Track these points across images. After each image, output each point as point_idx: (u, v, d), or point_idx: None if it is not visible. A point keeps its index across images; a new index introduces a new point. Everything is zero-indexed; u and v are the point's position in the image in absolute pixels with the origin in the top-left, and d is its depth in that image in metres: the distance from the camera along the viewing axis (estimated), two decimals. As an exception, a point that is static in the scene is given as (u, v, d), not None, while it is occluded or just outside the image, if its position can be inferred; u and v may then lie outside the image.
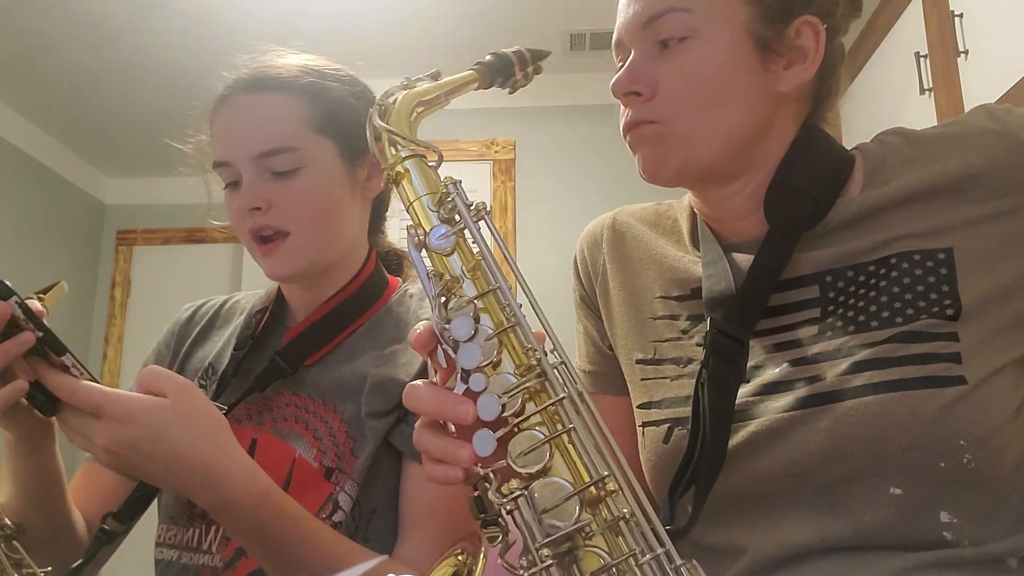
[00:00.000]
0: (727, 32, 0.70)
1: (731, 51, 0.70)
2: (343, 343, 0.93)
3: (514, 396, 0.51)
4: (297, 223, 0.87)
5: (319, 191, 0.88)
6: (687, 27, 0.70)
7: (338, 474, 0.84)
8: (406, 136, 0.60)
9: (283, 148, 0.86)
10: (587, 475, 0.50)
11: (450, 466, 0.52)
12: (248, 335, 0.95)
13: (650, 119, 0.72)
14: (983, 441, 0.60)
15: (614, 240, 0.86)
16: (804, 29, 0.72)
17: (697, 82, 0.70)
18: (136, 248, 4.09)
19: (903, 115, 2.21)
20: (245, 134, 0.87)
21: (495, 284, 0.54)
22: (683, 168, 0.73)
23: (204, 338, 1.01)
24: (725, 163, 0.73)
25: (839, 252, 0.69)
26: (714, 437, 0.67)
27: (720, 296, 0.71)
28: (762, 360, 0.71)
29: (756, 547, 0.67)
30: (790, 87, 0.72)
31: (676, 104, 0.71)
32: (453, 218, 0.56)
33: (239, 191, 0.88)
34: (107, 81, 3.23)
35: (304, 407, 0.89)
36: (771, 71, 0.72)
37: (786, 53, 0.72)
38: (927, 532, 0.62)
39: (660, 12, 0.71)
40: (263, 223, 0.87)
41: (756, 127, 0.72)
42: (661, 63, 0.71)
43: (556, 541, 0.48)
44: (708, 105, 0.70)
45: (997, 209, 0.66)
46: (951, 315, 0.64)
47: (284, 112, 0.88)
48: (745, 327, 0.69)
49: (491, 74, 0.69)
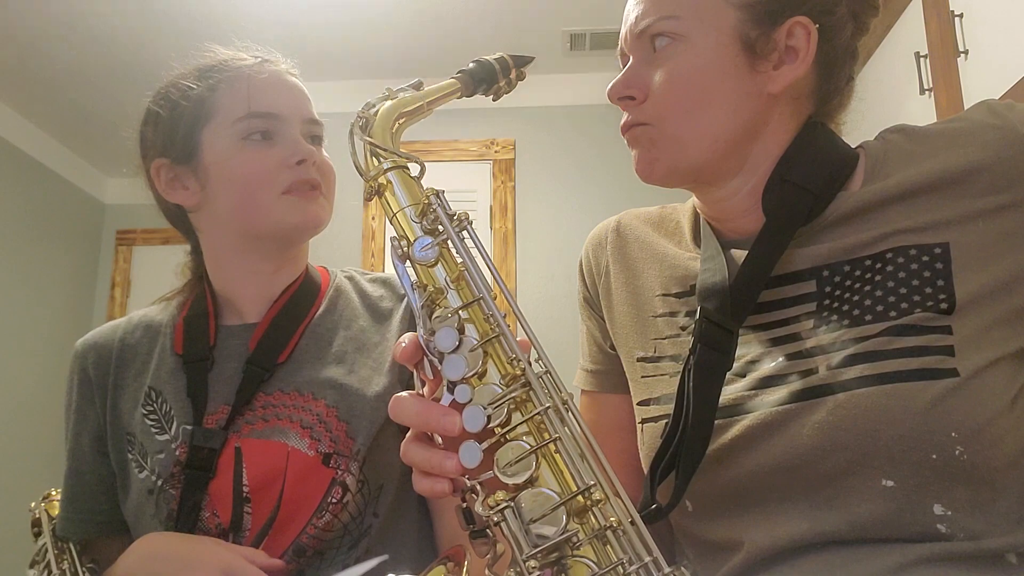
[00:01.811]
0: (714, 36, 0.71)
1: (716, 54, 0.71)
2: (306, 330, 0.93)
3: (499, 407, 0.51)
4: (327, 182, 0.95)
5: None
6: (675, 32, 0.72)
7: (337, 458, 0.85)
8: (388, 148, 0.60)
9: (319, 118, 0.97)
10: (574, 484, 0.50)
11: (437, 478, 0.52)
12: (203, 345, 0.92)
13: (642, 121, 0.74)
14: (975, 433, 0.60)
15: (618, 242, 0.87)
16: (796, 29, 0.72)
17: (683, 85, 0.72)
18: (136, 248, 4.10)
19: (903, 115, 2.20)
20: (298, 97, 0.95)
21: (479, 294, 0.54)
22: (673, 168, 0.74)
23: (124, 367, 0.95)
24: (716, 163, 0.73)
25: (836, 247, 0.70)
26: (697, 422, 0.67)
27: (713, 287, 0.72)
28: (758, 355, 0.71)
29: (752, 541, 0.67)
30: (780, 87, 0.73)
31: (664, 107, 0.72)
32: (436, 228, 0.56)
33: (271, 146, 0.92)
34: (106, 81, 3.23)
35: (283, 403, 0.88)
36: (760, 72, 0.72)
37: (775, 54, 0.72)
38: (921, 524, 0.62)
39: (652, 20, 0.73)
40: (306, 176, 0.92)
41: (747, 128, 0.73)
42: (653, 68, 0.73)
43: (544, 551, 0.48)
44: (695, 107, 0.72)
45: (996, 204, 0.66)
46: (945, 309, 0.64)
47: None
48: (735, 317, 0.70)
49: (474, 82, 0.70)
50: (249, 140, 0.91)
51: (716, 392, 0.68)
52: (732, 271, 0.72)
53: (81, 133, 3.69)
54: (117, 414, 0.93)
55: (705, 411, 0.68)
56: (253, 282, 0.95)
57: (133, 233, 4.10)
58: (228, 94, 0.92)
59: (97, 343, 0.98)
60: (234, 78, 0.93)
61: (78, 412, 0.96)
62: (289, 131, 0.92)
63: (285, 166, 0.90)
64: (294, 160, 0.90)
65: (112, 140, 3.68)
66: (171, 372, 0.92)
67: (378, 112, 0.63)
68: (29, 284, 3.57)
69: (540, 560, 0.48)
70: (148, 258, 4.08)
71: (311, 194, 0.92)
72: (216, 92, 0.92)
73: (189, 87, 0.93)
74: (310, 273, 1.00)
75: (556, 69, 3.22)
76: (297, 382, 0.89)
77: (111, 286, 4.05)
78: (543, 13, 2.90)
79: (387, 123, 0.62)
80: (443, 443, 0.54)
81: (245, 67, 0.94)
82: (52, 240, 3.76)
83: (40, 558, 0.92)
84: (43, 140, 3.69)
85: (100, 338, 0.98)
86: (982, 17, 1.80)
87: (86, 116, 3.53)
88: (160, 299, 1.03)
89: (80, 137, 3.73)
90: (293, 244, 0.96)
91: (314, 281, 0.99)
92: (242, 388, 0.89)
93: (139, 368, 0.95)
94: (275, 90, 0.94)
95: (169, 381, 0.91)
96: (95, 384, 0.95)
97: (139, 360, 0.95)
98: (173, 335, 0.95)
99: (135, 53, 3.05)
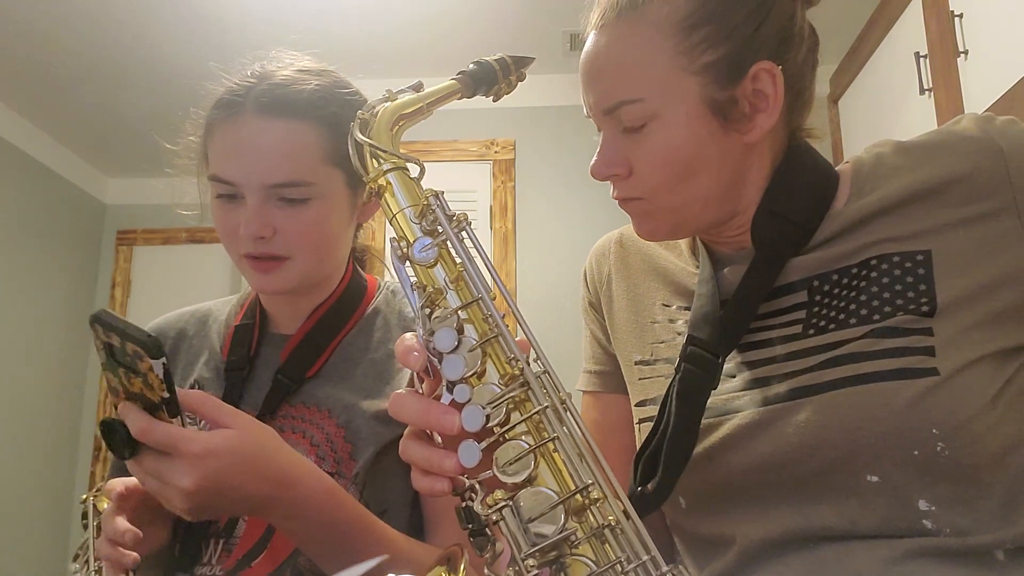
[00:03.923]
0: (683, 108, 0.70)
1: (691, 126, 0.70)
2: (337, 348, 0.94)
3: (498, 406, 0.51)
4: (299, 250, 0.87)
5: (324, 220, 0.88)
6: (643, 115, 0.70)
7: (338, 479, 0.85)
8: (387, 149, 0.60)
9: (298, 182, 0.85)
10: (572, 483, 0.50)
11: (436, 477, 0.53)
12: (244, 355, 0.94)
13: (634, 196, 0.75)
14: (956, 430, 0.62)
15: (620, 253, 0.90)
16: (761, 75, 0.71)
17: (666, 162, 0.71)
18: (136, 248, 4.09)
19: (903, 115, 2.21)
20: (260, 161, 0.85)
21: (478, 295, 0.54)
22: (674, 231, 0.78)
23: (175, 357, 0.99)
24: (712, 217, 0.75)
25: (825, 257, 0.72)
26: (676, 435, 0.70)
27: (704, 317, 0.75)
28: (747, 357, 0.73)
29: (744, 535, 0.69)
30: (758, 137, 0.72)
31: (652, 183, 0.73)
32: (436, 229, 0.56)
33: (237, 207, 0.86)
34: (107, 81, 3.23)
35: (300, 416, 0.89)
36: (735, 130, 0.72)
37: (745, 105, 0.71)
38: (907, 520, 0.63)
39: (613, 106, 0.72)
40: (265, 251, 0.86)
41: (733, 180, 0.74)
42: (630, 146, 0.72)
43: (542, 550, 0.48)
44: (681, 180, 0.72)
45: (975, 212, 0.68)
46: (926, 312, 0.66)
47: (303, 144, 0.86)
48: (724, 346, 0.72)
49: (474, 83, 0.70)
50: (219, 196, 0.88)
51: (699, 410, 0.71)
52: (725, 290, 0.75)
53: (81, 133, 3.69)
54: None
55: (688, 424, 0.70)
56: (283, 300, 0.97)
57: (133, 233, 4.10)
58: (209, 143, 0.90)
59: (159, 327, 1.02)
60: (213, 124, 0.89)
61: None
62: (250, 198, 0.85)
63: (248, 237, 0.86)
64: (251, 237, 0.85)
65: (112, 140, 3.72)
66: (215, 374, 0.95)
67: (378, 114, 0.63)
68: (29, 284, 3.58)
69: (539, 559, 0.48)
70: (148, 258, 4.08)
71: (267, 265, 0.87)
72: (204, 136, 0.91)
73: (200, 119, 0.93)
74: (352, 286, 0.98)
75: (556, 69, 3.22)
76: (318, 397, 0.90)
77: (111, 286, 4.05)
78: (543, 13, 2.90)
79: (387, 125, 0.62)
80: (442, 442, 0.54)
81: (219, 117, 0.89)
82: (52, 240, 3.76)
83: (83, 551, 0.93)
84: (43, 140, 3.69)
85: (163, 324, 1.03)
86: (982, 17, 1.80)
87: (86, 116, 3.53)
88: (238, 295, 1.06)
89: (80, 137, 3.73)
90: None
91: (354, 296, 0.97)
92: (268, 398, 0.90)
93: (190, 359, 0.98)
94: (236, 155, 0.86)
95: (213, 381, 0.94)
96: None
97: (192, 351, 0.99)
98: (224, 337, 0.97)
99: (136, 53, 3.05)
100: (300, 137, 0.86)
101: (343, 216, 0.92)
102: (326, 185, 0.88)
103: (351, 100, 0.91)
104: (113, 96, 3.33)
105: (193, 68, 3.02)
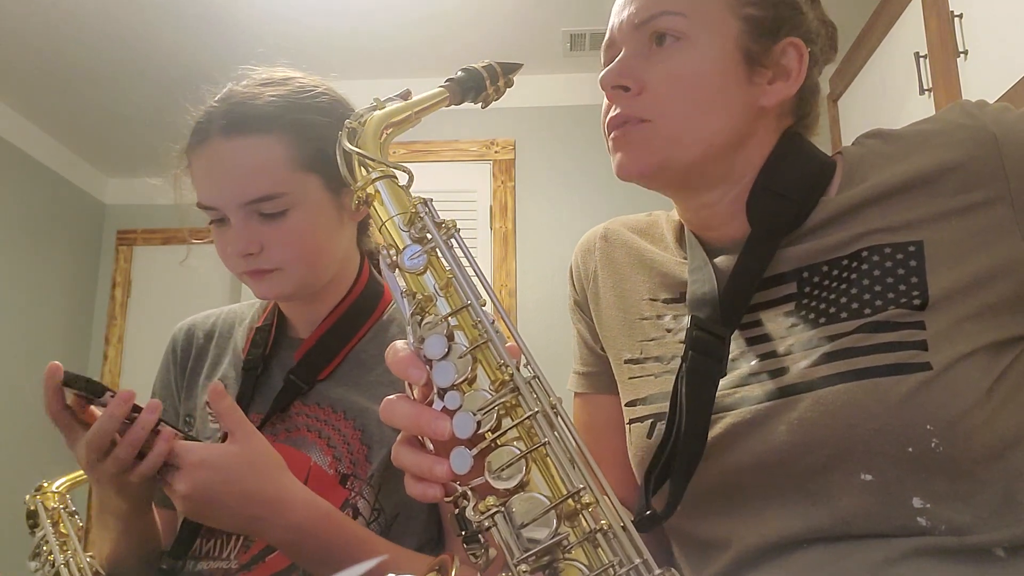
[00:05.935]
0: (718, 42, 0.72)
1: (720, 60, 0.72)
2: (350, 353, 0.95)
3: (489, 412, 0.51)
4: (287, 261, 0.89)
5: (308, 228, 0.89)
6: (679, 30, 0.72)
7: (353, 480, 0.87)
8: (375, 158, 0.60)
9: (271, 195, 0.86)
10: (564, 488, 0.50)
11: (429, 483, 0.53)
12: (259, 355, 0.97)
13: (639, 116, 0.73)
14: (950, 425, 0.61)
15: (606, 248, 0.89)
16: (789, 49, 0.74)
17: (685, 84, 0.72)
18: (136, 248, 4.10)
19: (903, 115, 2.20)
20: (230, 182, 0.86)
21: (467, 301, 0.54)
22: (659, 170, 0.74)
23: (204, 356, 1.03)
24: (703, 168, 0.74)
25: (815, 248, 0.71)
26: (691, 428, 0.68)
27: (703, 297, 0.73)
28: (738, 354, 0.72)
29: (740, 538, 0.68)
30: (773, 103, 0.74)
31: (663, 103, 0.73)
32: (424, 237, 0.56)
33: (227, 229, 0.88)
34: (107, 81, 3.23)
35: (316, 416, 0.91)
36: (756, 84, 0.74)
37: (771, 69, 0.74)
38: (901, 518, 0.62)
39: (655, 14, 0.73)
40: (256, 267, 0.88)
41: (737, 136, 0.74)
42: (651, 62, 0.73)
43: (535, 556, 0.48)
44: (694, 108, 0.72)
45: (968, 202, 0.67)
46: (918, 305, 0.65)
47: (268, 157, 0.87)
48: (727, 324, 0.71)
49: (462, 90, 0.70)
50: (212, 222, 0.91)
51: (710, 398, 0.69)
52: (720, 279, 0.74)
53: (81, 133, 3.70)
54: (189, 395, 1.00)
55: (699, 418, 0.68)
56: (297, 304, 0.99)
57: (133, 233, 4.10)
58: (191, 172, 0.92)
59: (191, 326, 1.06)
60: (190, 153, 0.91)
61: (164, 387, 1.04)
62: (232, 219, 0.88)
63: (231, 253, 0.89)
64: (239, 255, 0.88)
65: (112, 140, 3.72)
66: (237, 372, 0.98)
67: (366, 122, 0.63)
68: (30, 284, 3.58)
69: (532, 564, 0.48)
70: (148, 258, 4.08)
71: (261, 276, 0.90)
72: (187, 167, 0.93)
73: (182, 151, 0.95)
74: (367, 290, 0.99)
75: (556, 69, 3.22)
76: (331, 398, 0.92)
77: (111, 286, 4.05)
78: (543, 13, 2.90)
79: (375, 133, 0.62)
80: (434, 448, 0.54)
81: (192, 144, 0.90)
82: (52, 240, 3.77)
83: (40, 550, 0.94)
84: (43, 140, 3.69)
85: (194, 322, 1.07)
86: (982, 17, 1.80)
87: (86, 116, 3.54)
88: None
89: (80, 137, 3.74)
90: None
91: (369, 300, 0.98)
92: (279, 397, 0.92)
93: (215, 358, 1.01)
94: (211, 179, 0.88)
95: (235, 379, 0.97)
96: (178, 364, 1.03)
97: (219, 350, 1.02)
98: (246, 337, 1.00)
99: (136, 53, 3.05)
100: (265, 151, 0.87)
101: (329, 219, 0.92)
102: (301, 192, 0.88)
103: (315, 103, 0.92)
104: (113, 96, 3.33)
105: (194, 68, 3.04)
